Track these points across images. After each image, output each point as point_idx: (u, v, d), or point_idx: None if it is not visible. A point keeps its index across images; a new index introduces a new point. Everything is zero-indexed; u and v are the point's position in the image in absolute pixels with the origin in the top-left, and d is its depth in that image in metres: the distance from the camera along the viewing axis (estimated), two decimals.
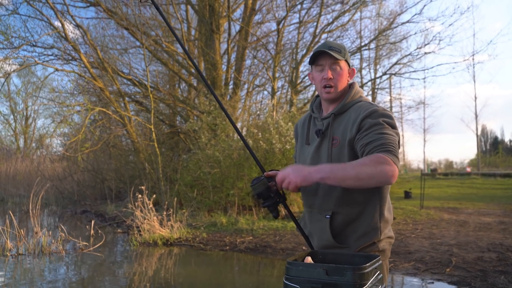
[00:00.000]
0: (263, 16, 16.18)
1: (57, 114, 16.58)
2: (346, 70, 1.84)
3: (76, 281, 5.81)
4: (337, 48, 1.81)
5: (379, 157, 1.54)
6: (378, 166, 1.51)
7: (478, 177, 27.45)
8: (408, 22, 15.53)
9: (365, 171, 1.51)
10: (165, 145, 15.37)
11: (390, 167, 1.52)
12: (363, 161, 1.54)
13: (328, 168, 1.56)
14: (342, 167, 1.55)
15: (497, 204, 13.99)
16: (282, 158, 10.35)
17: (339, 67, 1.81)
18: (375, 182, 1.56)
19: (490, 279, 5.07)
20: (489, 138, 55.12)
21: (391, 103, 23.25)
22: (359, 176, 1.51)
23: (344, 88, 1.85)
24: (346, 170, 1.52)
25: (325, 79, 1.80)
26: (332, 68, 1.80)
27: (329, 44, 1.83)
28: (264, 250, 7.32)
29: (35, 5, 13.19)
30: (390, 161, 1.53)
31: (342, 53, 1.81)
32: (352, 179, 1.52)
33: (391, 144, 1.60)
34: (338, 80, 1.81)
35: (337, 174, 1.53)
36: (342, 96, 1.86)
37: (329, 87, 1.81)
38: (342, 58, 1.80)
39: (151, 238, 8.25)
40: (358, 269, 1.30)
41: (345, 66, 1.84)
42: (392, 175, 1.53)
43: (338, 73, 1.81)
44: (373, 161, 1.52)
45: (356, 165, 1.53)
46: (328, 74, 1.80)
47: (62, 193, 17.77)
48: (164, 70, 16.96)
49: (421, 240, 7.59)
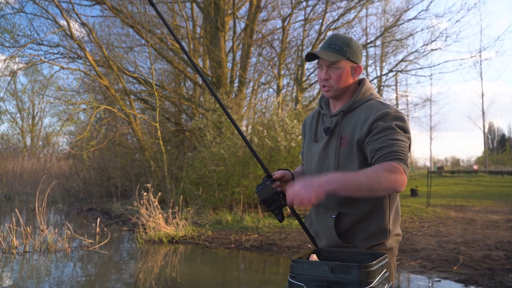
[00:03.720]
0: (268, 14, 16.14)
1: (63, 112, 16.70)
2: (346, 69, 1.75)
3: (82, 279, 5.83)
4: (337, 46, 1.73)
5: (391, 166, 1.52)
6: (391, 176, 1.50)
7: (485, 175, 27.27)
8: (414, 18, 15.42)
9: (378, 181, 1.49)
10: (170, 143, 15.40)
11: (401, 176, 1.51)
12: (377, 170, 1.51)
13: (340, 179, 1.50)
14: (355, 178, 1.50)
15: (504, 202, 13.88)
16: (288, 155, 10.32)
17: (337, 66, 1.74)
18: (386, 192, 1.58)
19: (498, 277, 5.02)
20: (496, 136, 54.74)
21: (397, 101, 23.18)
22: (372, 187, 1.49)
23: (349, 85, 1.79)
24: (360, 181, 1.49)
25: (321, 80, 1.78)
26: (330, 68, 1.75)
27: (330, 41, 1.76)
28: (269, 248, 7.30)
29: (41, 3, 13.26)
30: (402, 170, 1.52)
31: (343, 51, 1.73)
32: (365, 191, 1.50)
33: (403, 152, 1.57)
34: (335, 80, 1.75)
35: (350, 186, 1.49)
36: (351, 93, 1.81)
37: (327, 87, 1.77)
38: (341, 57, 1.72)
39: (156, 236, 8.26)
40: (364, 267, 1.28)
41: (346, 64, 1.75)
42: (401, 184, 1.52)
43: (335, 74, 1.75)
44: (386, 171, 1.50)
45: (370, 175, 1.50)
46: (323, 75, 1.76)
47: (68, 191, 17.87)
48: (170, 68, 16.98)
49: (427, 238, 7.54)
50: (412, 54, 16.63)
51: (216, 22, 14.23)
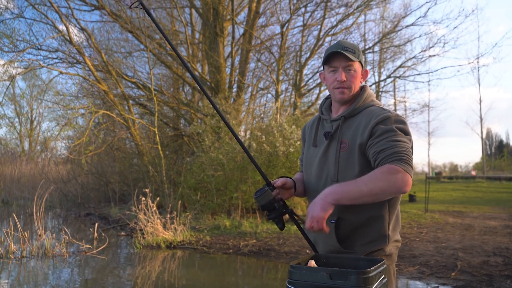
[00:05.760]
0: (267, 19, 16.20)
1: (61, 117, 16.65)
2: (359, 72, 1.80)
3: (79, 284, 5.80)
4: (351, 49, 1.76)
5: (391, 168, 1.51)
6: (391, 178, 1.49)
7: (483, 181, 27.31)
8: (412, 25, 15.56)
9: (378, 186, 1.49)
10: (168, 148, 15.38)
11: (403, 176, 1.50)
12: (375, 175, 1.52)
13: (339, 189, 1.54)
14: (354, 185, 1.52)
15: (502, 207, 13.90)
16: (286, 161, 10.33)
17: (353, 69, 1.77)
18: (389, 194, 1.55)
19: (496, 284, 5.02)
20: (494, 142, 54.87)
21: (395, 106, 23.24)
22: (372, 192, 1.50)
23: (356, 91, 1.81)
24: (359, 188, 1.51)
25: (339, 81, 1.76)
26: (346, 70, 1.76)
27: (343, 44, 1.78)
28: (267, 253, 7.29)
29: (40, 8, 13.29)
30: (403, 170, 1.51)
31: (356, 54, 1.77)
32: (366, 196, 1.51)
33: (405, 152, 1.56)
34: (352, 82, 1.77)
35: (350, 194, 1.51)
36: (353, 99, 1.82)
37: (343, 88, 1.77)
38: (356, 59, 1.76)
39: (154, 241, 8.24)
40: (362, 273, 1.28)
41: (359, 67, 1.79)
42: (405, 184, 1.51)
43: (351, 75, 1.77)
44: (385, 173, 1.50)
45: (368, 180, 1.51)
46: (341, 77, 1.75)
47: (66, 196, 17.81)
48: (168, 73, 17.00)
49: (426, 244, 7.53)
50: (410, 60, 16.73)
51: (215, 27, 14.28)
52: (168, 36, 12.94)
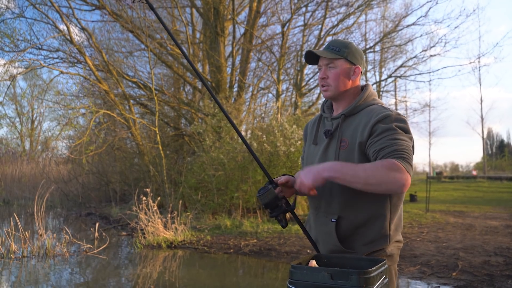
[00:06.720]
0: (268, 19, 16.20)
1: (62, 116, 16.68)
2: (343, 68, 1.78)
3: (80, 283, 5.81)
4: (335, 47, 1.79)
5: (392, 163, 1.49)
6: (390, 173, 1.47)
7: (484, 181, 27.28)
8: (413, 24, 15.54)
9: (375, 176, 1.47)
10: (169, 148, 15.38)
11: (402, 175, 1.48)
12: (375, 166, 1.50)
13: (338, 167, 1.54)
14: (353, 168, 1.52)
15: (503, 207, 13.88)
16: (287, 160, 10.32)
17: (334, 65, 1.78)
18: (384, 189, 1.52)
19: (497, 284, 5.01)
20: (495, 141, 54.81)
21: (396, 106, 23.22)
22: (368, 181, 1.48)
23: (349, 88, 1.80)
24: (356, 172, 1.49)
25: (320, 79, 1.81)
26: (328, 67, 1.79)
27: (330, 43, 1.82)
28: (268, 253, 7.28)
29: (41, 8, 13.28)
30: (403, 168, 1.48)
31: (341, 51, 1.77)
32: (360, 183, 1.49)
33: (405, 151, 1.55)
34: (332, 79, 1.78)
35: (346, 175, 1.50)
36: (353, 97, 1.82)
37: (325, 86, 1.80)
38: (338, 56, 1.77)
39: (155, 240, 8.24)
40: (363, 273, 1.28)
41: (343, 64, 1.78)
42: (403, 184, 1.48)
43: (332, 72, 1.78)
44: (385, 167, 1.48)
45: (368, 168, 1.50)
46: (321, 74, 1.80)
47: (67, 196, 17.83)
48: (169, 73, 17.00)
49: (426, 243, 7.53)
50: (411, 60, 16.74)
51: (216, 27, 14.27)
52: (168, 35, 12.81)
